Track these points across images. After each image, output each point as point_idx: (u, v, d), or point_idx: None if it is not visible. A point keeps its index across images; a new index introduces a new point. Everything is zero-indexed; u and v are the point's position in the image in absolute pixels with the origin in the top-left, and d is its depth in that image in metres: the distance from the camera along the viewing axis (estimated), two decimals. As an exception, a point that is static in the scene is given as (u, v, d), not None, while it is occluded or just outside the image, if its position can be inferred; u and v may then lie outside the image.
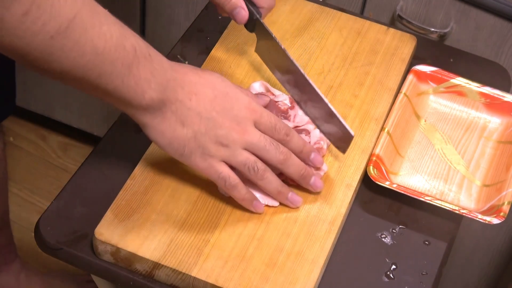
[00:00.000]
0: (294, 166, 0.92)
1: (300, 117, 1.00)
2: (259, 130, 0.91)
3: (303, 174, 0.93)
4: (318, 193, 0.95)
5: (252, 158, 0.90)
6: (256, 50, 1.05)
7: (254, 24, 1.02)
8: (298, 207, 0.94)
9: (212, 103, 0.88)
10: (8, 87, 1.29)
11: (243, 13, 1.00)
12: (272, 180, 0.92)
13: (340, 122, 0.96)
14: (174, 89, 0.86)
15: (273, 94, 1.02)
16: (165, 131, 0.87)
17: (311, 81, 0.98)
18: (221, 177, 0.90)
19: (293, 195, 0.93)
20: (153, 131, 0.87)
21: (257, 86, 1.02)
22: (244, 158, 0.90)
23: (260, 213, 0.92)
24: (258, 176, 0.91)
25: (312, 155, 0.94)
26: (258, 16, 1.02)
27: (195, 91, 0.88)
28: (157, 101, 0.85)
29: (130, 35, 0.82)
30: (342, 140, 0.97)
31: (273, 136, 0.91)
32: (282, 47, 1.00)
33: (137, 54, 0.82)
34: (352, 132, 0.96)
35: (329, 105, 0.97)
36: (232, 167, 0.90)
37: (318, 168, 0.96)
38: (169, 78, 0.85)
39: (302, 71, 0.98)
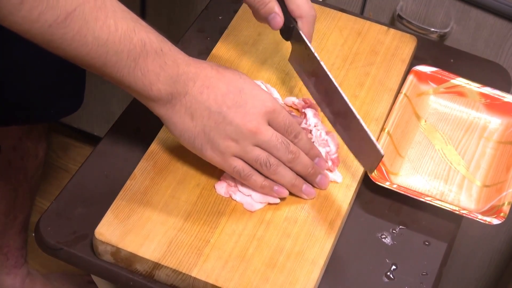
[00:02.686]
0: (303, 165, 0.93)
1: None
2: (272, 127, 0.91)
3: (310, 172, 0.94)
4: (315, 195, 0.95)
5: (264, 154, 0.90)
6: (290, 60, 1.03)
7: (290, 32, 1.00)
8: (312, 198, 0.94)
9: (224, 98, 0.88)
10: (78, 80, 1.30)
11: (278, 19, 0.99)
12: (285, 175, 0.92)
13: (371, 141, 0.92)
14: (185, 82, 0.87)
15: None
16: (177, 123, 0.89)
17: (345, 96, 0.95)
18: (236, 171, 0.91)
19: (307, 187, 0.94)
20: (167, 122, 0.90)
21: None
22: (256, 154, 0.90)
23: (284, 197, 0.93)
24: (271, 171, 0.91)
25: (317, 160, 0.95)
26: (294, 23, 0.99)
27: (208, 84, 0.88)
28: (165, 93, 0.87)
29: (141, 30, 0.84)
30: (370, 159, 0.94)
31: (283, 135, 0.92)
32: (319, 58, 0.97)
33: (146, 48, 0.84)
34: (382, 151, 0.92)
35: (362, 123, 0.93)
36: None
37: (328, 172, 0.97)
38: (181, 73, 0.87)
39: (337, 85, 0.96)
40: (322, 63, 0.97)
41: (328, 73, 0.96)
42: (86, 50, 0.81)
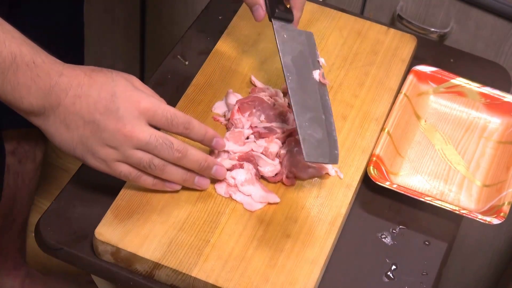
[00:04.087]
0: (192, 161, 0.91)
1: None
2: (156, 127, 0.89)
3: (203, 166, 0.92)
4: (318, 193, 0.95)
5: (147, 157, 0.88)
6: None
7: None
8: (205, 189, 0.94)
9: (96, 105, 0.86)
10: None
11: (261, 11, 0.99)
12: (173, 172, 0.91)
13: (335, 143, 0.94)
14: (57, 94, 0.86)
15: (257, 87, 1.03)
16: (54, 134, 0.88)
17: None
18: (123, 175, 0.90)
19: (200, 179, 0.93)
20: (45, 133, 0.88)
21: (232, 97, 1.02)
22: (138, 158, 0.88)
23: (176, 190, 0.93)
24: (157, 172, 0.90)
25: (214, 141, 0.93)
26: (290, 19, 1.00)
27: (80, 94, 0.86)
28: (38, 106, 0.85)
29: (12, 43, 0.83)
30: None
31: (171, 131, 0.89)
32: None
33: (16, 61, 0.83)
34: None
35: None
36: None
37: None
38: (53, 84, 0.85)
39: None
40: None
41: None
42: None
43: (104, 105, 0.86)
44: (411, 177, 1.01)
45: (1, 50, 0.82)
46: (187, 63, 1.10)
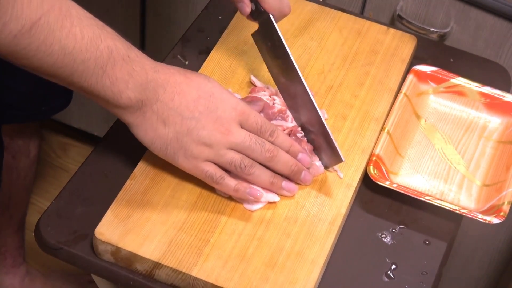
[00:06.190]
0: (283, 163, 0.92)
1: None
2: (245, 129, 0.91)
3: (293, 170, 0.93)
4: (318, 192, 0.95)
5: (238, 156, 0.90)
6: (254, 36, 1.02)
7: (261, 15, 1.00)
8: (293, 195, 0.94)
9: (195, 103, 0.88)
10: None
11: (246, 8, 0.99)
12: (261, 174, 0.92)
13: (331, 141, 0.95)
14: (155, 89, 0.87)
15: (255, 86, 1.03)
16: (148, 130, 0.89)
17: (308, 90, 0.96)
18: (208, 175, 0.90)
19: (287, 184, 0.93)
20: (137, 130, 0.89)
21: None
22: (230, 157, 0.90)
23: (258, 201, 0.92)
24: (245, 172, 0.91)
25: (300, 155, 0.94)
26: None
27: (178, 91, 0.88)
28: (136, 101, 0.86)
29: (107, 37, 0.83)
30: (329, 157, 0.97)
31: (257, 136, 0.91)
32: (287, 48, 0.97)
33: (113, 55, 0.83)
34: (343, 158, 0.95)
35: (323, 120, 0.95)
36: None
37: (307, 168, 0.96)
38: (150, 79, 0.86)
39: (301, 76, 0.97)
40: (290, 54, 0.97)
41: (296, 67, 0.97)
42: (53, 59, 0.80)
43: (204, 104, 0.88)
44: (411, 177, 1.01)
45: (98, 45, 0.82)
46: (187, 63, 1.10)
